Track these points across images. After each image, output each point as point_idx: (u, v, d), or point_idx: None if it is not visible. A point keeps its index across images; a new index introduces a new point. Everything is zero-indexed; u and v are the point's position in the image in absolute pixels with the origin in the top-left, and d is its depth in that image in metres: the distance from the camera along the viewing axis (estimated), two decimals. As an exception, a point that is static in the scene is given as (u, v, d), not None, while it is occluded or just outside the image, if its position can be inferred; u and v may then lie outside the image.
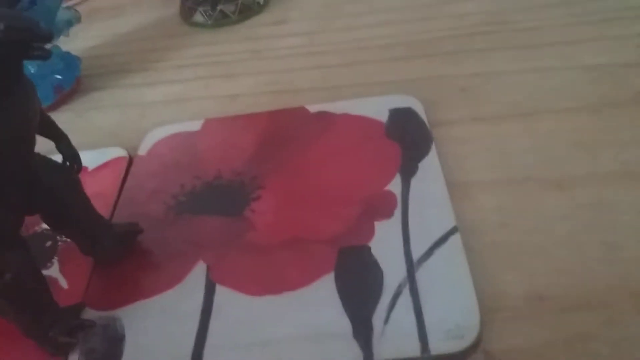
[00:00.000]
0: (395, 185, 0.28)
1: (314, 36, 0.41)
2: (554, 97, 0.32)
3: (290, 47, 0.40)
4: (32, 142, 0.22)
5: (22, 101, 0.20)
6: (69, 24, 0.39)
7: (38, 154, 0.23)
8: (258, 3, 0.45)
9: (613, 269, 0.23)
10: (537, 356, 0.21)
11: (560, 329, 0.22)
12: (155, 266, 0.27)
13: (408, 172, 0.28)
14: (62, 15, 0.38)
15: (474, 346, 0.21)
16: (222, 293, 0.25)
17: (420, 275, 0.24)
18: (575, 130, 0.29)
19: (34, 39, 0.19)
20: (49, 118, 0.24)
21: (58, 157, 0.25)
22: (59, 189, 0.24)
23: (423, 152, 0.29)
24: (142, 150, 0.33)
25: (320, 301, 0.23)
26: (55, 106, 0.39)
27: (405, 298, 0.23)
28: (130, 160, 0.33)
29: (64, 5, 0.39)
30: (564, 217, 0.25)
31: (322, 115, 0.33)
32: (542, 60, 0.34)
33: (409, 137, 0.30)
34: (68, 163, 0.25)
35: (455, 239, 0.25)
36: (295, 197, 0.28)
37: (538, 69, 0.34)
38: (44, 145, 0.23)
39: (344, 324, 0.22)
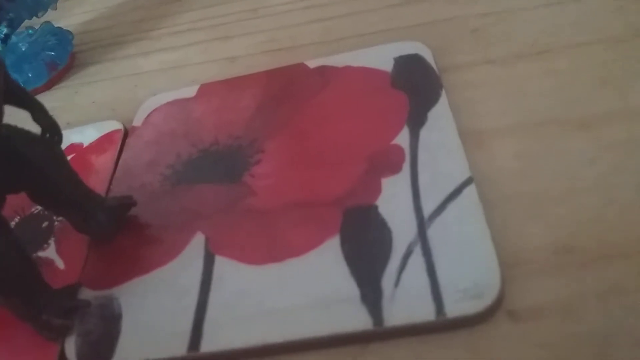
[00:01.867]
0: (403, 138, 0.26)
1: (313, -12, 0.38)
2: (574, 31, 0.29)
3: (288, 3, 0.38)
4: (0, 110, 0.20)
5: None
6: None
7: (14, 127, 0.22)
8: (253, -40, 0.42)
9: (648, 213, 0.21)
10: (567, 313, 0.19)
11: (591, 282, 0.19)
12: (152, 240, 0.25)
13: (416, 122, 0.26)
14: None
15: (496, 306, 0.19)
16: (222, 264, 0.23)
17: (433, 232, 0.22)
18: (599, 65, 0.27)
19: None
20: (18, 85, 0.22)
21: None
22: (40, 162, 0.22)
23: (432, 100, 0.27)
24: (137, 121, 0.31)
25: (325, 266, 0.22)
26: (50, 84, 0.38)
27: (417, 258, 0.21)
28: (126, 133, 0.31)
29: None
30: (590, 160, 0.23)
31: (323, 70, 0.31)
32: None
33: (416, 85, 0.28)
34: (48, 135, 0.23)
35: (470, 190, 0.22)
36: (296, 159, 0.27)
37: (554, 2, 0.31)
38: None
39: (351, 289, 0.21)
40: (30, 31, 0.39)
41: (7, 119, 0.20)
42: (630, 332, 0.18)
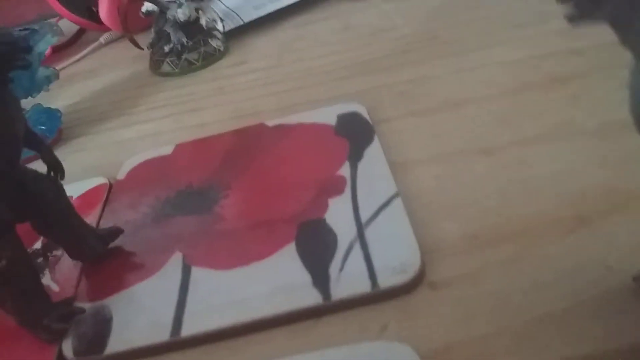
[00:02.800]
0: (344, 170, 0.32)
1: (270, 70, 0.46)
2: (478, 88, 0.36)
3: (250, 81, 0.45)
4: (19, 147, 0.25)
5: (8, 107, 0.24)
6: (48, 80, 0.43)
7: (25, 167, 0.27)
8: (219, 50, 0.50)
9: (531, 209, 0.27)
10: (473, 279, 0.24)
11: (490, 257, 0.25)
12: (137, 262, 0.30)
13: (355, 158, 0.32)
14: (41, 72, 0.42)
15: (418, 279, 0.24)
16: (198, 272, 0.28)
17: (369, 232, 0.27)
18: (497, 110, 0.34)
19: (17, 51, 0.23)
20: (32, 131, 0.27)
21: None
22: (45, 195, 0.27)
23: (367, 142, 0.33)
24: (121, 175, 0.37)
25: (284, 264, 0.27)
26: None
27: (357, 251, 0.26)
28: (111, 186, 0.36)
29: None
30: (491, 175, 0.29)
31: (279, 127, 0.37)
32: (467, 63, 0.39)
33: (355, 133, 0.34)
34: (52, 173, 0.28)
35: (397, 201, 0.28)
36: (258, 191, 0.32)
37: (464, 69, 0.39)
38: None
39: (305, 277, 0.26)
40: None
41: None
42: (520, 287, 0.23)
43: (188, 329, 0.25)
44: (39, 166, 0.28)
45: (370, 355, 0.21)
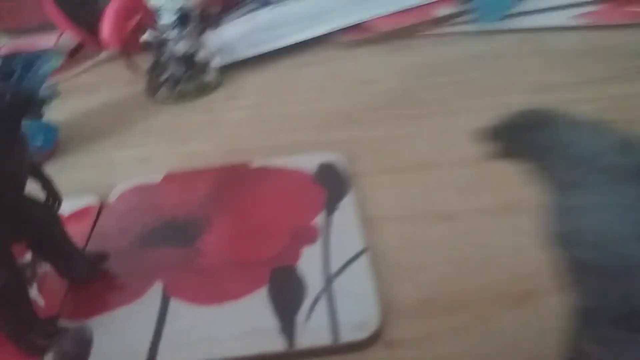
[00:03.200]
0: (320, 220, 0.35)
1: (259, 108, 0.49)
2: (446, 153, 0.40)
3: (240, 118, 0.48)
4: (25, 181, 0.28)
5: (20, 149, 0.27)
6: (50, 98, 0.45)
7: (27, 195, 0.29)
8: (213, 83, 0.53)
9: (484, 279, 0.30)
10: (426, 343, 0.27)
11: (443, 323, 0.28)
12: (120, 286, 0.32)
13: (330, 209, 0.35)
14: (43, 91, 0.45)
15: (376, 336, 0.27)
16: (176, 304, 0.30)
17: (336, 285, 0.30)
18: (460, 177, 0.37)
19: (32, 103, 0.26)
20: (37, 164, 0.30)
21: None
22: (43, 222, 0.30)
23: (343, 194, 0.36)
24: (112, 198, 0.39)
25: (255, 307, 0.29)
26: (33, 165, 0.45)
27: (323, 302, 0.29)
28: (101, 208, 0.39)
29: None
30: (450, 242, 0.33)
31: (262, 170, 0.40)
32: (439, 126, 0.43)
33: (332, 183, 0.38)
34: (51, 201, 0.31)
35: (364, 258, 0.31)
36: (238, 231, 0.35)
37: (434, 132, 0.42)
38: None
39: (274, 323, 0.28)
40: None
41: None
42: (466, 357, 0.26)
43: (162, 360, 0.27)
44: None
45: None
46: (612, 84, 0.46)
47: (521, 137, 0.21)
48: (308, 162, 0.40)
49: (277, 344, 0.27)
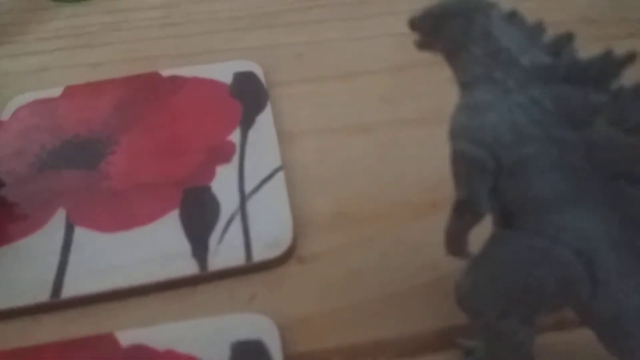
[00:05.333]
0: (235, 136, 0.33)
1: (170, 9, 0.45)
2: (370, 60, 0.38)
3: (148, 19, 0.44)
4: None
5: None
6: None
7: None
8: (118, -22, 0.47)
9: (394, 190, 0.30)
10: (337, 256, 0.27)
11: (354, 235, 0.28)
12: (19, 215, 0.30)
13: (247, 125, 0.34)
14: None
15: (289, 253, 0.27)
16: (80, 232, 0.29)
17: (250, 205, 0.29)
18: (383, 86, 0.36)
19: None
20: None
21: None
22: None
23: (260, 108, 0.35)
24: (5, 117, 0.35)
25: (165, 232, 0.28)
26: None
27: (237, 223, 0.28)
28: (-7, 126, 0.35)
29: None
30: (366, 154, 0.32)
31: (174, 79, 0.37)
32: (363, 30, 0.41)
33: (249, 96, 0.35)
34: None
35: (280, 175, 0.30)
36: (146, 150, 0.33)
37: (359, 37, 0.40)
38: None
39: (185, 247, 0.27)
40: None
41: None
42: (374, 267, 0.27)
43: (68, 291, 0.26)
44: None
45: (235, 326, 0.24)
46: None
47: (443, 26, 0.19)
48: (224, 71, 0.37)
49: (189, 268, 0.27)
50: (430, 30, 0.20)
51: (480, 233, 0.19)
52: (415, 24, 0.21)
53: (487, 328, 0.20)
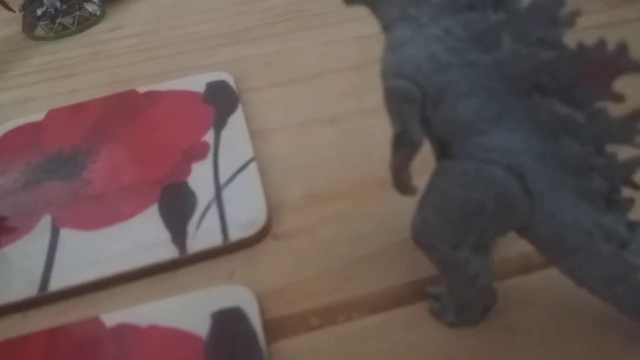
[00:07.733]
0: (209, 136, 0.35)
1: (146, 36, 0.47)
2: (333, 61, 0.40)
3: (125, 47, 0.46)
4: None
5: None
6: None
7: None
8: (95, 14, 0.50)
9: (363, 170, 0.31)
10: (310, 231, 0.28)
11: (326, 212, 0.29)
12: (8, 225, 0.31)
13: (219, 125, 0.35)
14: None
15: (264, 232, 0.29)
16: (66, 233, 0.30)
17: (226, 194, 0.31)
18: (346, 83, 0.38)
19: None
20: None
21: None
22: None
23: (231, 110, 0.37)
24: (-10, 142, 0.37)
25: (146, 225, 0.30)
26: None
27: (213, 210, 0.30)
28: (-20, 152, 0.37)
29: None
30: (334, 142, 0.34)
31: (150, 94, 0.39)
32: (328, 36, 0.43)
33: (221, 101, 0.37)
34: None
35: (253, 165, 0.32)
36: (126, 157, 0.34)
37: (324, 43, 0.43)
38: None
39: (165, 235, 0.29)
40: None
41: None
42: (346, 237, 0.28)
43: (55, 284, 0.27)
44: None
45: (214, 297, 0.25)
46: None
47: None
48: (196, 82, 0.40)
49: (169, 252, 0.28)
50: None
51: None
52: None
53: (443, 263, 0.21)
